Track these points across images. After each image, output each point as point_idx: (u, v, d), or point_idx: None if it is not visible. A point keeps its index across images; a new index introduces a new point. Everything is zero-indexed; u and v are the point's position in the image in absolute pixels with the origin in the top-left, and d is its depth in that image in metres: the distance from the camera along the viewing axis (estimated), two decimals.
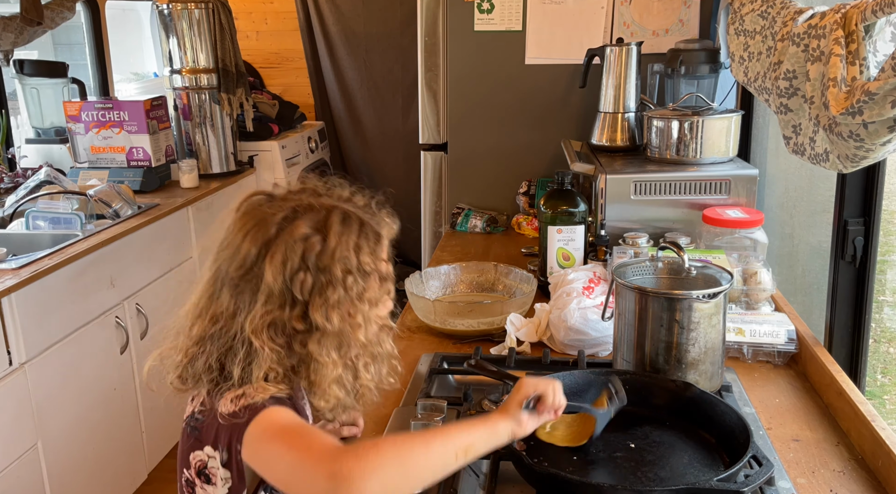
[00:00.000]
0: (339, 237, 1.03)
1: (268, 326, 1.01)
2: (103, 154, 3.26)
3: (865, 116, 1.14)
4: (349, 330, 1.04)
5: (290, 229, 1.02)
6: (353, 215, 1.07)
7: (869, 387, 1.87)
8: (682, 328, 1.32)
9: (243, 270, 1.03)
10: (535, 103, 2.67)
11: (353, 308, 1.04)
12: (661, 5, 2.54)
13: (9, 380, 2.13)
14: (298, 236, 1.02)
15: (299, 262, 1.01)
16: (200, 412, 1.05)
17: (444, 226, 2.95)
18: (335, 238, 1.03)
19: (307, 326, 1.02)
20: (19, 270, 2.21)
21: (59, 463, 2.33)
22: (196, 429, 1.04)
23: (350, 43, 4.35)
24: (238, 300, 1.03)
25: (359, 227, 1.06)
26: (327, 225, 1.04)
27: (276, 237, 1.02)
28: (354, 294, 1.03)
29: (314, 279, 1.02)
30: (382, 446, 0.95)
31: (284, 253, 1.01)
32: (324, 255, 1.02)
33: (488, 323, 1.71)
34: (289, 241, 1.02)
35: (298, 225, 1.03)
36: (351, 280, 1.03)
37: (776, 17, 1.59)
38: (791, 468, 1.21)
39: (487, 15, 2.62)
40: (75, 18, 3.46)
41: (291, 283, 1.01)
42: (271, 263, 1.01)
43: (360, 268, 1.04)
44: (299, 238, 1.02)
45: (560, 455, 1.17)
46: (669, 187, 2.00)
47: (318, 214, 1.05)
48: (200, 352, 1.04)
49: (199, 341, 1.05)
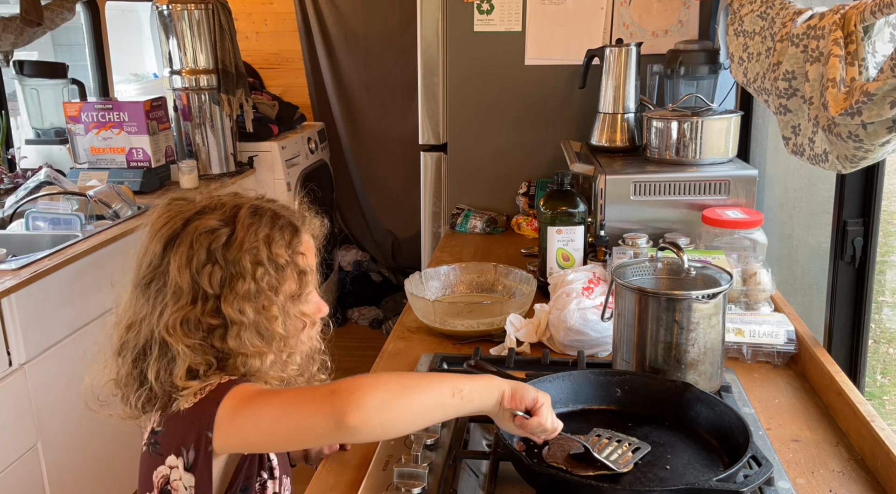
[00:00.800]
0: (248, 229, 1.01)
1: (180, 323, 0.98)
2: (103, 155, 3.26)
3: (864, 116, 1.14)
4: (265, 322, 1.01)
5: (197, 223, 1.01)
6: (266, 209, 1.05)
7: (868, 388, 1.87)
8: (681, 329, 1.32)
9: (151, 268, 1.01)
10: (534, 104, 2.67)
11: (268, 300, 1.01)
12: (660, 6, 2.54)
13: (8, 381, 2.13)
14: (204, 229, 1.00)
15: (206, 255, 0.99)
16: (159, 424, 1.02)
17: (443, 227, 2.95)
18: (243, 230, 1.01)
19: (222, 321, 0.99)
20: (19, 270, 2.21)
21: (59, 464, 2.33)
22: (156, 444, 1.01)
23: (350, 43, 4.35)
24: (150, 302, 1.01)
25: (271, 219, 1.04)
26: (236, 218, 1.02)
27: (181, 232, 1.00)
28: (266, 285, 1.00)
29: (223, 272, 0.99)
30: (381, 376, 0.96)
31: (190, 247, 0.99)
32: (231, 246, 1.00)
33: (488, 324, 1.71)
34: (194, 234, 0.99)
35: (206, 219, 1.01)
36: (261, 271, 1.00)
37: (775, 18, 1.60)
38: (790, 468, 1.21)
39: (487, 16, 2.62)
40: (75, 19, 3.45)
41: (199, 277, 0.98)
42: (176, 257, 0.99)
43: (273, 260, 1.01)
44: (205, 231, 1.00)
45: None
46: (669, 187, 2.00)
47: (228, 208, 1.03)
48: (122, 363, 1.02)
49: (120, 351, 1.03)
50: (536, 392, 1.06)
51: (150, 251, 1.02)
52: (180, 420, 0.98)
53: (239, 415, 0.95)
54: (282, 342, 1.03)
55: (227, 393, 0.96)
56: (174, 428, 0.99)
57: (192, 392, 0.98)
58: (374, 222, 4.65)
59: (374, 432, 0.95)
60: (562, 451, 1.14)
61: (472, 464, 1.21)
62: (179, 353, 0.98)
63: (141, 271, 1.02)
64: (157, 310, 1.00)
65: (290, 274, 1.04)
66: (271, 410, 0.94)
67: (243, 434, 0.96)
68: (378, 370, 1.60)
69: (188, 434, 0.97)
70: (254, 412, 0.95)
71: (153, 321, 1.00)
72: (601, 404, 1.30)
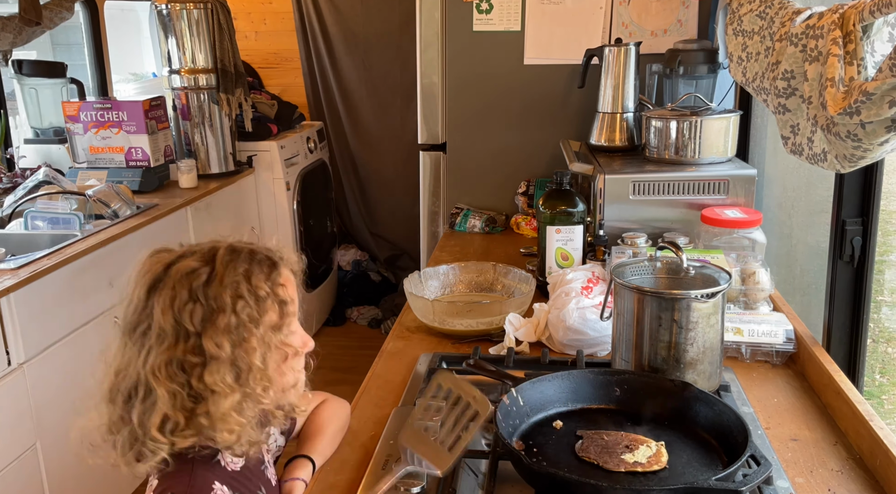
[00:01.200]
0: (227, 265, 1.04)
1: (165, 365, 1.00)
2: (102, 154, 3.26)
3: (863, 116, 1.14)
4: (243, 355, 1.03)
5: (178, 266, 1.04)
6: (243, 247, 1.08)
7: (867, 387, 1.87)
8: (680, 328, 1.32)
9: (136, 313, 1.04)
10: (533, 104, 2.67)
11: (248, 332, 1.03)
12: (659, 6, 2.54)
13: (8, 380, 2.13)
14: (185, 271, 1.03)
15: (187, 294, 1.02)
16: None
17: (442, 226, 2.95)
18: (223, 267, 1.04)
19: (202, 357, 1.01)
20: (18, 270, 2.21)
21: (58, 464, 2.33)
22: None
23: (349, 43, 4.35)
24: (136, 346, 1.03)
25: (248, 254, 1.07)
26: (215, 257, 1.05)
27: (164, 276, 1.03)
28: (246, 317, 1.03)
29: (204, 309, 1.01)
30: None
31: (173, 289, 1.02)
32: (212, 283, 1.03)
33: (487, 323, 1.71)
34: (176, 277, 1.03)
35: (186, 262, 1.04)
36: (241, 304, 1.02)
37: (774, 18, 1.60)
38: (789, 467, 1.21)
39: (486, 15, 2.62)
40: (74, 19, 3.46)
41: (181, 316, 1.01)
42: (160, 300, 1.02)
43: (253, 292, 1.04)
44: (186, 272, 1.03)
45: (559, 454, 1.17)
46: (668, 187, 2.00)
47: (206, 250, 1.06)
48: (113, 409, 1.04)
49: (110, 397, 1.05)
50: None
51: (135, 297, 1.05)
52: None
53: None
54: (258, 374, 1.05)
55: None
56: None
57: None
58: (373, 221, 4.65)
59: None
60: (595, 446, 1.15)
61: (471, 463, 1.21)
62: (159, 398, 1.01)
63: (127, 318, 1.05)
64: (143, 353, 1.02)
65: (271, 305, 1.06)
66: None
67: None
68: (377, 370, 1.60)
69: None
70: None
71: (139, 364, 1.02)
72: (600, 403, 1.30)
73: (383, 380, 1.55)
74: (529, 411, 1.26)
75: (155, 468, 1.04)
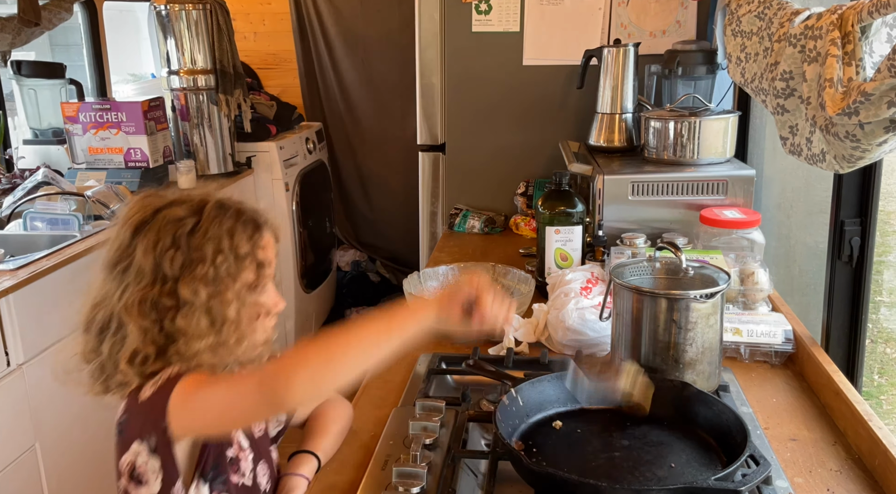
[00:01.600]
0: (213, 220, 1.08)
1: (138, 302, 1.04)
2: (101, 155, 3.26)
3: (862, 116, 1.14)
4: (218, 306, 1.06)
5: (166, 212, 1.08)
6: (231, 205, 1.11)
7: (866, 387, 1.87)
8: (679, 328, 1.32)
9: (119, 251, 1.08)
10: (532, 104, 2.67)
11: (224, 286, 1.07)
12: (658, 6, 2.55)
13: (7, 381, 2.13)
14: (172, 218, 1.07)
15: (171, 241, 1.06)
16: (123, 414, 1.09)
17: (441, 227, 2.95)
18: (208, 221, 1.07)
19: (175, 301, 1.05)
20: (17, 271, 2.21)
21: (58, 465, 2.33)
22: (122, 432, 1.08)
23: (348, 44, 4.35)
24: (115, 282, 1.07)
25: (235, 213, 1.10)
26: (203, 210, 1.08)
27: (150, 220, 1.07)
28: (224, 272, 1.06)
29: (184, 256, 1.05)
30: (305, 350, 1.01)
31: (157, 233, 1.06)
32: (195, 233, 1.06)
33: None
34: (162, 222, 1.07)
35: (175, 209, 1.08)
36: (221, 258, 1.06)
37: (773, 19, 1.60)
38: (788, 467, 1.21)
39: (485, 16, 2.63)
40: (73, 19, 3.45)
41: (162, 260, 1.05)
42: (143, 241, 1.06)
43: (234, 250, 1.07)
44: (172, 219, 1.07)
45: (558, 454, 1.17)
46: (667, 187, 2.00)
47: (196, 202, 1.10)
48: (88, 339, 1.10)
49: (86, 327, 1.10)
50: (468, 284, 1.10)
51: (119, 236, 1.09)
52: (139, 409, 1.05)
53: (188, 403, 1.02)
54: (232, 326, 1.08)
55: (178, 383, 1.03)
56: (135, 417, 1.06)
57: (150, 384, 1.05)
58: (372, 222, 4.64)
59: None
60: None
61: (470, 464, 1.21)
62: (129, 333, 1.05)
63: (110, 254, 1.09)
64: (120, 289, 1.07)
65: (249, 265, 1.10)
66: (216, 397, 1.03)
67: (194, 419, 1.04)
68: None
69: (147, 422, 1.04)
70: (201, 399, 1.03)
71: (115, 298, 1.07)
72: (599, 403, 1.30)
73: (383, 380, 1.55)
74: (529, 411, 1.26)
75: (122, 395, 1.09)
